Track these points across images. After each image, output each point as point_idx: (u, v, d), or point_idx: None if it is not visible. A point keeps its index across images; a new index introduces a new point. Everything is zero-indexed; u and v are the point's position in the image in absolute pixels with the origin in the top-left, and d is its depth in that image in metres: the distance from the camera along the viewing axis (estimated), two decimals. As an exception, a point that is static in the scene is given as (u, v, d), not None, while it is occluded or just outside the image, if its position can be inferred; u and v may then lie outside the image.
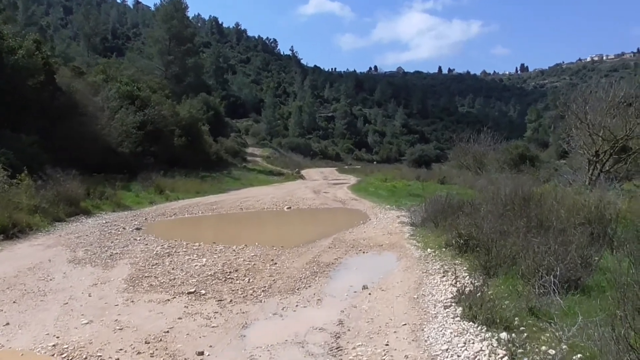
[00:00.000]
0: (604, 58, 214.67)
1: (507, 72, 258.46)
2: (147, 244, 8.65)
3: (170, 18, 52.54)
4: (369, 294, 5.54)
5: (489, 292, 4.98)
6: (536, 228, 6.62)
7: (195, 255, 7.51)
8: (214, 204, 16.17)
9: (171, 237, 9.69)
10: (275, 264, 6.91)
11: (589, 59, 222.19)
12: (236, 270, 6.45)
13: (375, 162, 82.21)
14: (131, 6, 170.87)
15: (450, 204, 9.88)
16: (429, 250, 7.60)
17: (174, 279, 6.10)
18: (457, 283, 5.65)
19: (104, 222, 11.75)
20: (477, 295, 4.69)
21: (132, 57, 66.79)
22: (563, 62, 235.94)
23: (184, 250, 8.04)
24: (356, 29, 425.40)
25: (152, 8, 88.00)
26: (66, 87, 21.24)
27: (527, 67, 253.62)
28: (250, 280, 6.07)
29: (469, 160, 34.84)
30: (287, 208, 15.44)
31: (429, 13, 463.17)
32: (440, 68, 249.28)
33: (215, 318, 4.75)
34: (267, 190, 23.70)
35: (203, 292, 5.56)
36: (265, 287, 5.79)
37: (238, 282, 6.00)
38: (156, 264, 6.86)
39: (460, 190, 20.73)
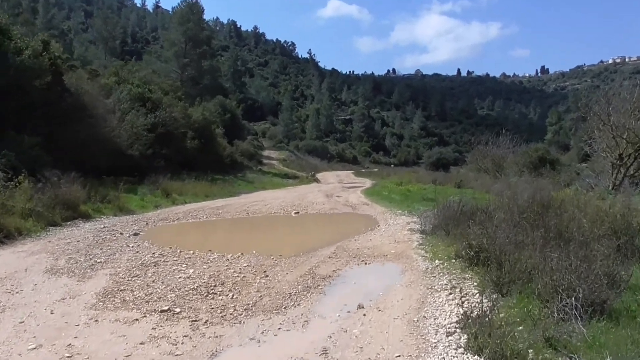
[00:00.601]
0: (627, 60, 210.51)
1: (527, 74, 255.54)
2: (137, 252, 8.15)
3: (186, 21, 52.47)
4: (364, 314, 4.91)
5: (500, 315, 4.34)
6: (555, 239, 5.96)
7: (183, 265, 6.99)
8: (220, 208, 15.69)
9: (167, 243, 9.21)
10: (267, 276, 6.34)
11: (610, 61, 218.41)
12: (222, 284, 5.89)
13: (392, 165, 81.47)
14: (151, 10, 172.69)
15: (463, 211, 9.21)
16: (437, 261, 6.94)
17: (151, 293, 5.56)
18: (465, 303, 5.02)
19: (102, 226, 11.32)
20: (486, 320, 4.06)
21: (148, 60, 67.14)
22: (584, 64, 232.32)
23: (174, 259, 7.52)
24: (374, 31, 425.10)
25: (171, 12, 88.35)
26: (74, 88, 20.96)
27: (547, 69, 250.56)
28: (235, 296, 5.50)
29: (487, 163, 34.05)
30: (295, 213, 14.88)
31: (448, 15, 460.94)
32: (459, 70, 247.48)
33: (182, 344, 4.18)
34: (279, 194, 23.19)
35: (178, 310, 5.00)
36: (249, 304, 5.22)
37: (221, 298, 5.44)
38: (138, 275, 6.34)
39: (477, 195, 19.97)
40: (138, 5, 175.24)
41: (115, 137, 22.00)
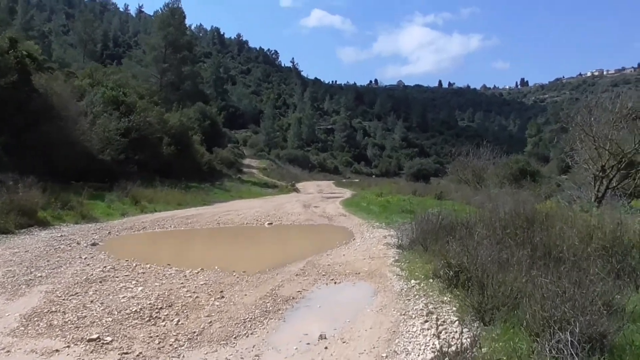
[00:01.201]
0: (605, 73, 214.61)
1: (507, 87, 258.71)
2: (88, 265, 7.43)
3: (167, 25, 51.65)
4: (325, 347, 4.25)
5: (483, 350, 3.75)
6: (543, 258, 5.41)
7: (133, 282, 6.28)
8: (190, 218, 14.95)
9: (125, 255, 8.49)
10: (223, 297, 5.65)
11: (589, 74, 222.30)
12: (170, 306, 5.20)
13: (374, 176, 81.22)
14: (133, 14, 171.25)
15: (442, 224, 8.66)
16: (413, 281, 6.33)
17: (85, 316, 4.84)
18: (442, 333, 4.42)
19: (59, 235, 10.53)
20: (466, 356, 3.47)
21: (128, 64, 66.06)
22: (563, 77, 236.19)
23: (126, 274, 6.81)
24: (357, 41, 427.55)
25: (153, 16, 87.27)
26: (44, 89, 20.06)
27: (527, 81, 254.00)
28: (181, 322, 4.82)
29: (468, 174, 33.85)
30: (269, 224, 14.21)
31: (430, 27, 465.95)
32: (440, 82, 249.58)
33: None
34: (255, 204, 22.49)
35: (109, 338, 4.29)
36: (195, 332, 4.53)
37: (164, 323, 4.76)
38: (77, 293, 5.61)
39: (457, 207, 19.51)
40: (121, 9, 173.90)
41: (85, 141, 21.14)
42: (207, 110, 54.97)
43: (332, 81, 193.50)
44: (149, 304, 5.20)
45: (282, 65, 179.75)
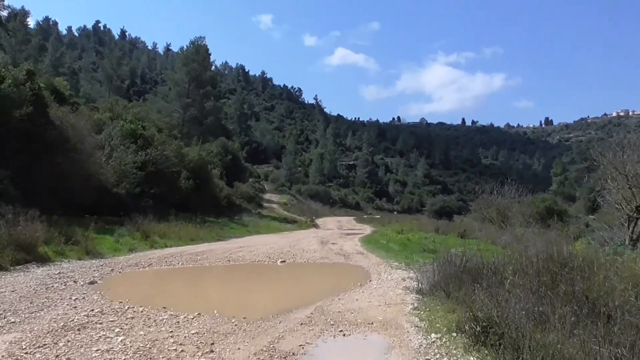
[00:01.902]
0: (630, 113, 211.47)
1: (531, 125, 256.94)
2: (75, 307, 6.79)
3: (191, 61, 52.47)
4: None
5: None
6: (590, 315, 4.58)
7: (116, 330, 5.60)
8: (200, 254, 14.31)
9: (121, 296, 7.87)
10: (212, 352, 4.91)
11: (614, 114, 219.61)
12: None
13: (395, 212, 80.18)
14: (161, 52, 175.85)
15: (467, 267, 7.84)
16: (433, 335, 5.49)
17: (44, 376, 4.18)
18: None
19: (57, 272, 9.96)
20: None
21: (153, 100, 67.15)
22: (588, 117, 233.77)
23: (111, 320, 6.13)
24: (380, 80, 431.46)
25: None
26: (60, 121, 19.96)
27: (551, 120, 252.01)
28: (154, 385, 4.13)
29: (492, 212, 32.86)
30: (281, 262, 13.48)
31: (453, 66, 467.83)
32: (463, 120, 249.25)
33: None
34: (270, 239, 21.79)
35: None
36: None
37: (135, 388, 4.08)
38: (45, 345, 4.92)
39: (482, 246, 18.54)
40: (149, 47, 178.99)
41: (100, 174, 20.91)
42: (229, 145, 55.34)
43: (355, 118, 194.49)
44: (124, 359, 4.50)
45: (306, 102, 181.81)
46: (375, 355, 5.02)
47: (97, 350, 4.72)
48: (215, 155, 48.78)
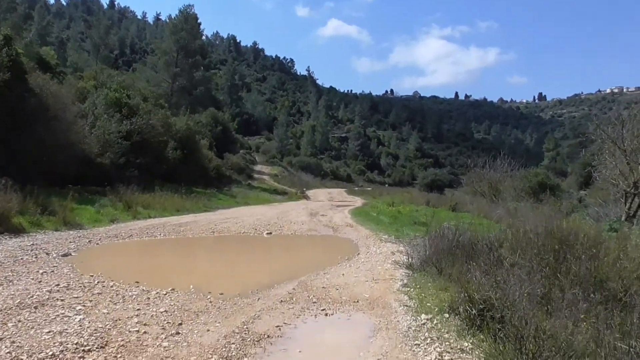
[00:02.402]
0: (625, 90, 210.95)
1: (525, 101, 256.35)
2: (40, 282, 6.29)
3: (179, 30, 51.13)
4: None
5: None
6: (604, 302, 4.12)
7: (77, 308, 5.10)
8: (183, 225, 13.82)
9: (94, 269, 7.39)
10: (178, 333, 4.45)
11: (608, 91, 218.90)
12: (102, 347, 3.98)
13: (387, 185, 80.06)
14: (151, 22, 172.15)
15: (460, 243, 7.40)
16: (423, 316, 5.03)
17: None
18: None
19: (29, 244, 9.43)
20: None
21: (141, 69, 65.78)
22: (582, 93, 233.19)
23: (76, 296, 5.64)
24: (373, 52, 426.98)
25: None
26: (40, 89, 19.14)
27: (544, 96, 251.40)
28: (102, 376, 3.66)
29: (484, 186, 32.54)
30: (267, 234, 13.03)
31: (447, 39, 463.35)
32: (457, 94, 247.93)
33: None
34: (259, 210, 21.35)
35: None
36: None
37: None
38: (-8, 324, 4.46)
39: (474, 220, 18.19)
40: (139, 17, 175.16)
41: (83, 144, 20.21)
42: (219, 116, 54.58)
43: (348, 90, 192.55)
44: (76, 343, 3.99)
45: (298, 73, 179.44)
46: (358, 338, 4.56)
47: (49, 332, 4.22)
48: (204, 126, 48.03)
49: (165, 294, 5.95)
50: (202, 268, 8.63)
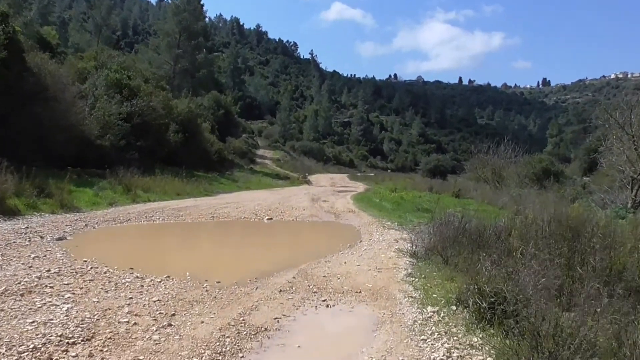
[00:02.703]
0: (629, 75, 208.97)
1: (529, 86, 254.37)
2: (30, 266, 6.06)
3: (181, 11, 50.48)
4: None
5: None
6: (625, 297, 3.86)
7: (66, 296, 4.86)
8: (183, 210, 13.59)
9: (88, 254, 7.17)
10: (170, 325, 4.19)
11: (613, 76, 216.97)
12: (88, 339, 3.75)
13: (389, 171, 79.64)
14: (154, 3, 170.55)
15: (466, 231, 7.14)
16: (429, 308, 4.78)
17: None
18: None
19: (24, 227, 9.20)
20: None
21: (143, 51, 65.17)
22: (586, 78, 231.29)
23: (65, 283, 5.40)
24: (377, 36, 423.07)
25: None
26: (38, 69, 18.82)
27: (549, 81, 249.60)
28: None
29: (487, 172, 32.29)
30: (268, 219, 12.79)
31: (451, 24, 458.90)
32: (460, 79, 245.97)
33: None
34: (260, 195, 21.12)
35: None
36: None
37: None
38: (-25, 313, 4.23)
39: (478, 207, 17.94)
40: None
41: (82, 125, 19.94)
42: (222, 99, 54.13)
43: (351, 75, 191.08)
44: (60, 335, 3.75)
45: (301, 57, 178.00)
46: (361, 332, 4.32)
47: (33, 322, 3.99)
48: (207, 109, 47.64)
49: (160, 282, 5.72)
50: (200, 254, 8.40)
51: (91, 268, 6.26)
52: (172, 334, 3.98)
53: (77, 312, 4.36)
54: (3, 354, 3.35)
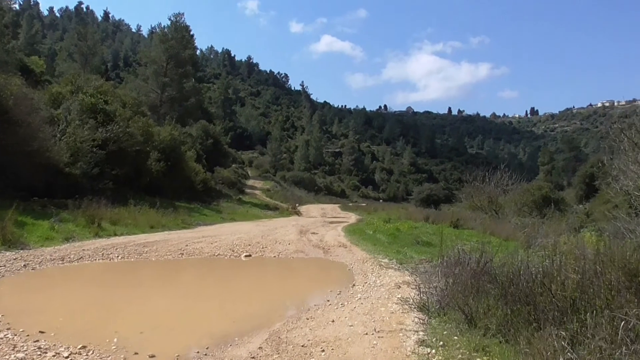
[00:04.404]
0: (615, 104, 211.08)
1: (517, 115, 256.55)
2: None
3: (168, 38, 49.39)
4: None
5: None
6: None
7: None
8: (149, 245, 11.82)
9: (2, 308, 5.45)
10: None
11: (600, 105, 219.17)
12: None
13: (381, 200, 78.30)
14: (146, 35, 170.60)
15: (490, 274, 5.50)
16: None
17: None
18: None
19: (-59, 270, 7.46)
20: None
21: (128, 79, 63.91)
22: (574, 107, 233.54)
23: None
24: (366, 68, 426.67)
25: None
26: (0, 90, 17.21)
27: (537, 110, 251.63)
28: None
29: (483, 201, 30.84)
30: (246, 256, 11.05)
31: (438, 55, 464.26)
32: (450, 109, 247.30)
33: None
34: (243, 227, 19.38)
35: None
36: None
37: None
38: None
39: (482, 238, 16.34)
40: (133, 30, 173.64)
41: (49, 151, 18.24)
42: (210, 129, 53.04)
43: (342, 105, 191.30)
44: None
45: (292, 88, 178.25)
46: None
47: None
48: (195, 138, 46.27)
49: (68, 357, 4.00)
50: (143, 309, 6.54)
51: (-18, 335, 4.53)
52: None
53: None
54: None
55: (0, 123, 16.65)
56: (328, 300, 6.55)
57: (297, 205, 46.25)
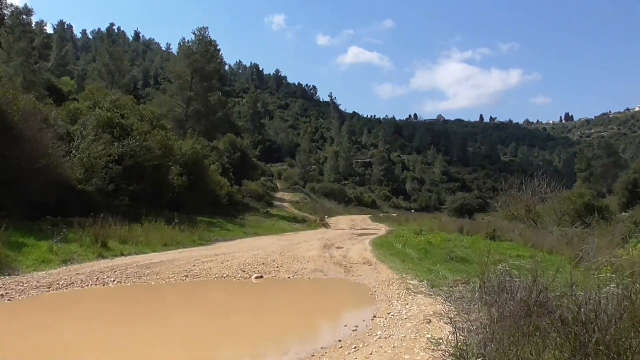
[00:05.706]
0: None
1: (551, 121, 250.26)
2: None
3: (193, 52, 49.14)
4: None
5: None
6: None
7: None
8: (153, 266, 10.72)
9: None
10: None
11: (637, 108, 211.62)
12: None
13: (413, 210, 76.46)
14: (175, 53, 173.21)
15: (547, 308, 4.17)
16: None
17: None
18: None
19: None
20: None
21: (154, 94, 63.99)
22: (610, 111, 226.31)
23: None
24: (394, 78, 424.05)
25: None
26: (5, 107, 16.55)
27: (571, 116, 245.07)
28: None
29: (520, 210, 29.05)
30: (257, 277, 9.84)
31: (467, 63, 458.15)
32: (481, 116, 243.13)
33: None
34: (263, 243, 18.25)
35: None
36: None
37: None
38: None
39: (522, 251, 14.80)
40: (163, 48, 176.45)
41: (61, 168, 17.50)
42: (238, 142, 52.55)
43: (371, 115, 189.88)
44: None
45: (321, 99, 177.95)
46: None
47: None
48: (222, 152, 45.76)
49: None
50: (125, 348, 5.44)
51: None
52: None
53: None
54: None
55: (5, 139, 15.96)
56: (340, 341, 5.23)
57: (325, 217, 45.11)
